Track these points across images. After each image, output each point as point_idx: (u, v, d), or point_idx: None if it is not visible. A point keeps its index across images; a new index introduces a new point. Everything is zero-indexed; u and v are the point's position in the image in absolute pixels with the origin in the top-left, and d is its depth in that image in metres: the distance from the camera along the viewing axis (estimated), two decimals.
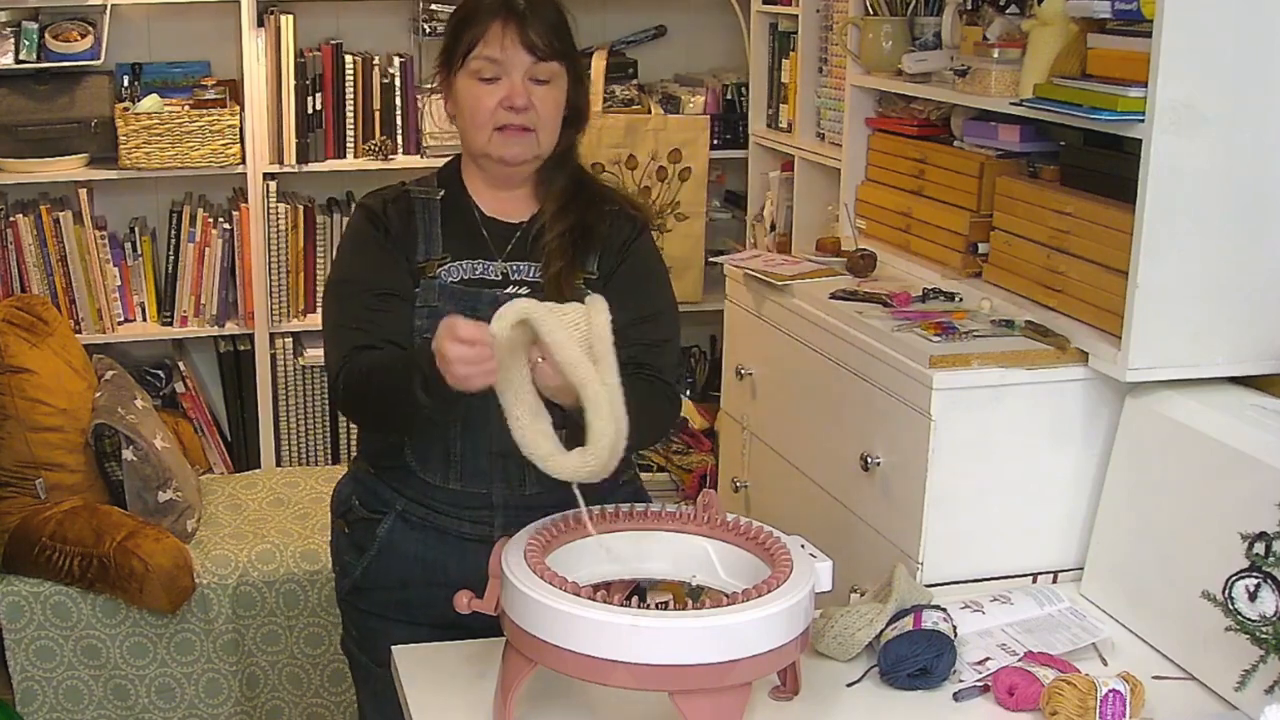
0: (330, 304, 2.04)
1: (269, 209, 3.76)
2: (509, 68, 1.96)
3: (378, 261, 2.01)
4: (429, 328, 1.95)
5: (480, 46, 1.96)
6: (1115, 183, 2.20)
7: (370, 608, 2.11)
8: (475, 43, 1.97)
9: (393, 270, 2.00)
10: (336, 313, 2.01)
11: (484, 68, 1.97)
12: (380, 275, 2.00)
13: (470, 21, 1.98)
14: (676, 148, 3.92)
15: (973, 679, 1.86)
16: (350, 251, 2.07)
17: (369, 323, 1.96)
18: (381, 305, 1.98)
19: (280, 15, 3.67)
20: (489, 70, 1.97)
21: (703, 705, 1.58)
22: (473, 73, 1.98)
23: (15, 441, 3.09)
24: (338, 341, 1.99)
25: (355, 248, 2.05)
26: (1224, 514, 1.89)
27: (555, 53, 1.98)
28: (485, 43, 1.96)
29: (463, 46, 1.98)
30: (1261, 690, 1.72)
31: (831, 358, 2.46)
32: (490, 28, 1.96)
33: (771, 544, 1.77)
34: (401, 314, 1.98)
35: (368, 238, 2.03)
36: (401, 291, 1.99)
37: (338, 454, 3.98)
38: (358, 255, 2.04)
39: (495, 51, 1.96)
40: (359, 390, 1.93)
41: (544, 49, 1.96)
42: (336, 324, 2.01)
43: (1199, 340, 2.11)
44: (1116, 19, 2.16)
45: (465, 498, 2.02)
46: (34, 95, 3.61)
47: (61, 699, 3.07)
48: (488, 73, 1.97)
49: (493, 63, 1.96)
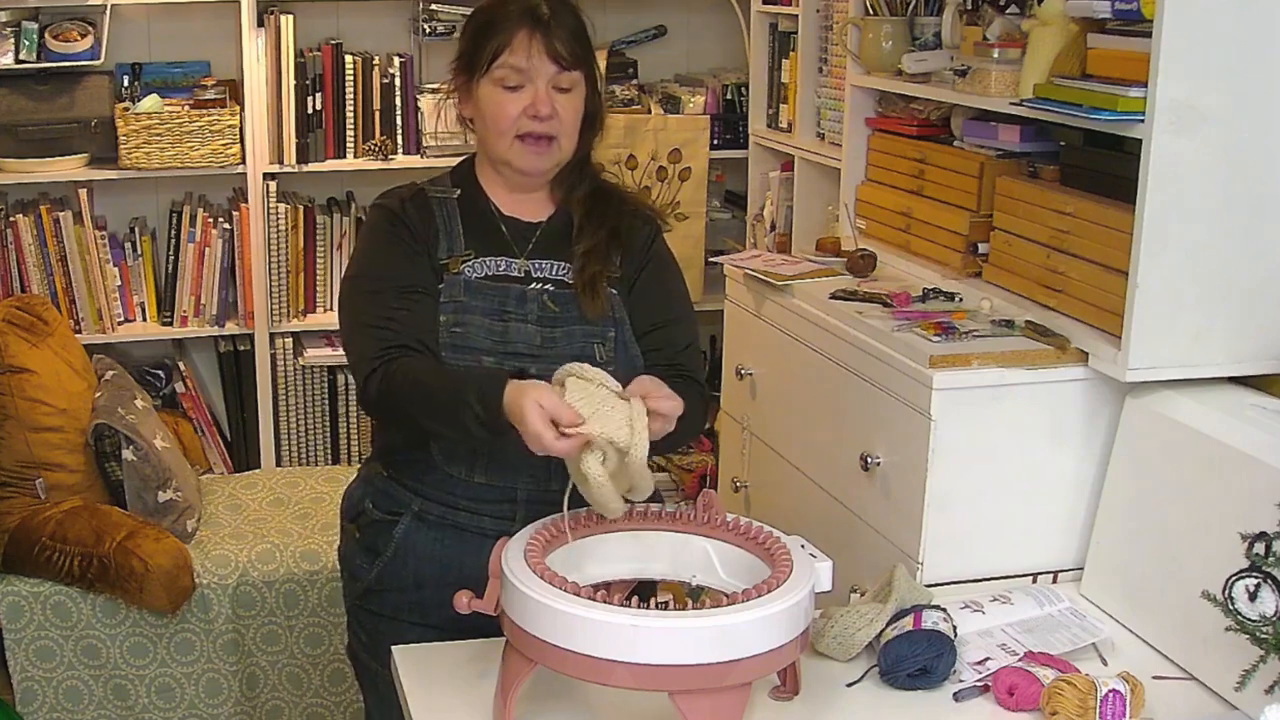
0: (352, 300, 2.04)
1: (269, 209, 3.76)
2: (533, 76, 1.98)
3: (400, 257, 2.01)
4: (455, 323, 1.98)
5: (506, 55, 1.97)
6: (1115, 183, 2.20)
7: (382, 610, 2.10)
8: (500, 51, 1.98)
9: (415, 266, 2.01)
10: (360, 309, 2.01)
11: (508, 76, 1.98)
12: (404, 271, 2.00)
13: (494, 29, 1.99)
14: (676, 148, 3.92)
15: (973, 679, 1.86)
16: (371, 248, 2.06)
17: (395, 320, 1.96)
18: (406, 302, 1.98)
19: (280, 15, 3.67)
20: (513, 79, 1.98)
21: (703, 705, 1.58)
22: (497, 80, 1.99)
23: (15, 441, 3.09)
24: (365, 339, 1.98)
25: (376, 244, 2.05)
26: (1224, 514, 1.89)
27: (578, 61, 2.00)
28: (511, 51, 1.97)
29: (486, 54, 1.99)
30: (1261, 690, 1.72)
31: (831, 358, 2.46)
32: (516, 36, 1.97)
33: (771, 544, 1.77)
34: (426, 310, 1.98)
35: (389, 234, 2.03)
36: (425, 287, 2.00)
37: (338, 454, 3.98)
38: (379, 251, 2.04)
39: (521, 61, 1.97)
40: (399, 401, 1.92)
41: (568, 59, 1.98)
42: (361, 322, 2.00)
43: (1199, 340, 2.11)
44: (1116, 19, 2.16)
45: (489, 491, 2.02)
46: (34, 95, 3.61)
47: (61, 699, 3.07)
48: (512, 81, 1.98)
49: (518, 71, 1.98)
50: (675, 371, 2.04)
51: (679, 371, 2.05)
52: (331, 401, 3.93)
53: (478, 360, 1.97)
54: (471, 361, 1.97)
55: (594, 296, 2.02)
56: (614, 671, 1.57)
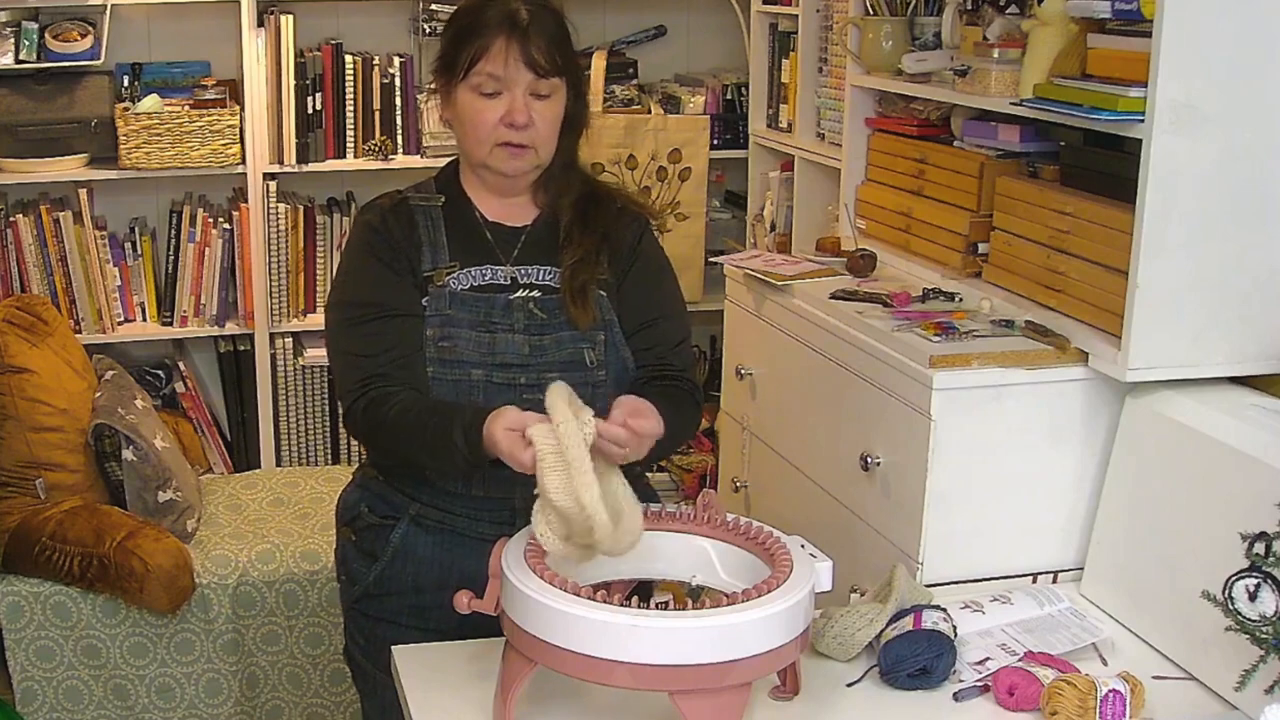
0: (336, 327, 2.03)
1: (269, 209, 3.76)
2: (511, 84, 1.95)
3: (382, 279, 2.00)
4: (442, 336, 1.97)
5: (483, 62, 1.95)
6: (1115, 183, 2.20)
7: (380, 614, 2.09)
8: (478, 58, 1.95)
9: (398, 287, 1.99)
10: (343, 338, 2.00)
11: (485, 83, 1.96)
12: (386, 294, 1.99)
13: (472, 34, 1.96)
14: (676, 148, 3.92)
15: (973, 679, 1.86)
16: (352, 270, 2.04)
17: (378, 349, 1.96)
18: (387, 327, 1.97)
19: (280, 15, 3.67)
20: (490, 86, 1.96)
21: (703, 705, 1.58)
22: (474, 87, 1.97)
23: (15, 441, 3.09)
24: (347, 369, 1.98)
25: (357, 266, 2.03)
26: (1224, 514, 1.89)
27: (557, 68, 1.97)
28: (488, 59, 1.95)
29: (464, 59, 1.96)
30: (1261, 690, 1.72)
31: (831, 358, 2.46)
32: (494, 44, 1.94)
33: (771, 544, 1.77)
34: (409, 330, 1.97)
35: (369, 255, 2.01)
36: (408, 309, 1.98)
37: (338, 454, 3.98)
38: (361, 275, 2.02)
39: (498, 69, 1.95)
40: (386, 436, 1.93)
41: (546, 66, 1.95)
42: (342, 349, 2.00)
43: (1199, 340, 2.11)
44: (1116, 19, 2.16)
45: (487, 502, 2.01)
46: (34, 95, 3.61)
47: (61, 699, 3.07)
48: (489, 88, 1.96)
49: (494, 79, 1.95)
50: (665, 372, 2.03)
51: (669, 372, 2.03)
52: (331, 401, 3.93)
53: (466, 374, 1.96)
54: (460, 375, 1.96)
55: (584, 306, 1.99)
56: (614, 671, 1.57)
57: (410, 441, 1.91)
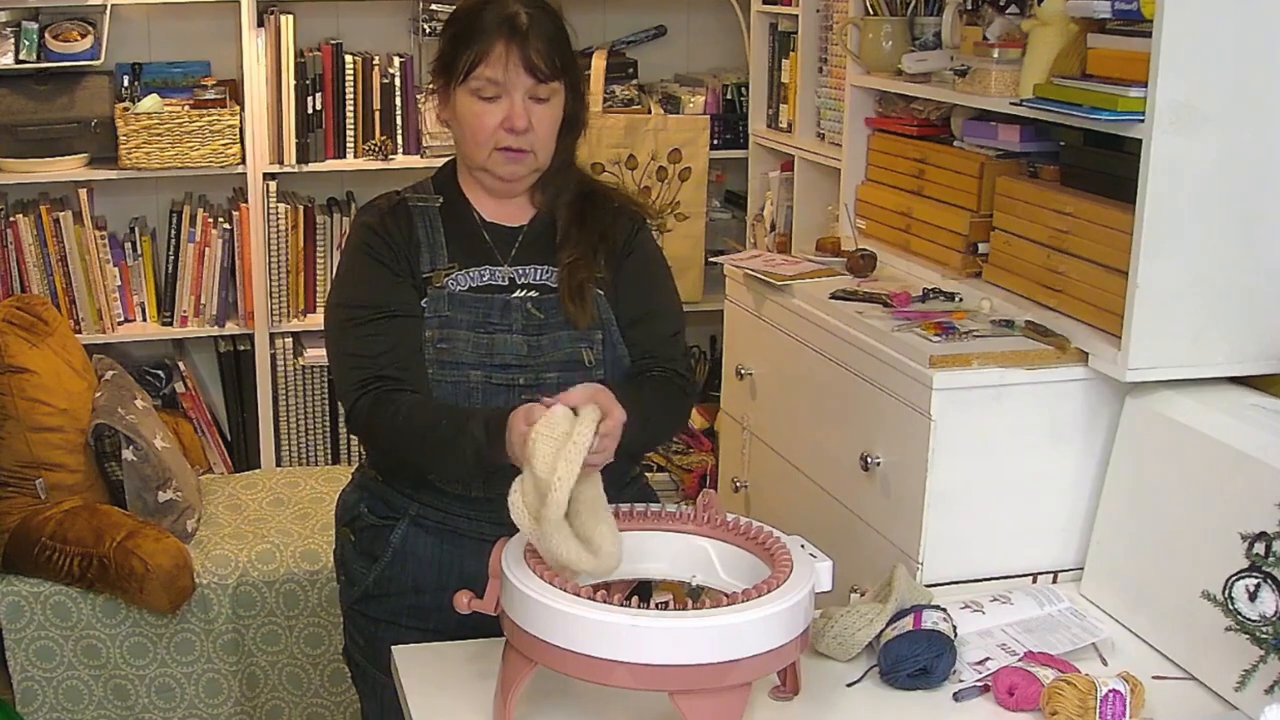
0: (333, 329, 2.02)
1: (269, 209, 3.76)
2: (510, 88, 1.95)
3: (381, 281, 1.99)
4: (440, 338, 1.97)
5: (482, 66, 1.94)
6: (1115, 183, 2.20)
7: (380, 615, 2.09)
8: (477, 61, 1.94)
9: (397, 289, 1.99)
10: (343, 340, 2.00)
11: (485, 87, 1.95)
12: (385, 296, 1.98)
13: (471, 37, 1.96)
14: (676, 148, 3.92)
15: (973, 679, 1.86)
16: (351, 272, 2.04)
17: (378, 350, 1.95)
18: (386, 328, 1.97)
19: (280, 15, 3.67)
20: (489, 90, 1.95)
21: (703, 705, 1.58)
22: (473, 90, 1.96)
23: (15, 441, 3.09)
24: (347, 370, 1.98)
25: (356, 267, 2.03)
26: (1224, 514, 1.89)
27: (556, 72, 1.96)
28: (488, 64, 1.94)
29: (463, 62, 1.95)
30: (1261, 690, 1.72)
31: (831, 358, 2.46)
32: (493, 48, 1.93)
33: (771, 544, 1.77)
34: (409, 331, 1.97)
35: (368, 256, 2.01)
36: (407, 310, 1.98)
37: (338, 454, 3.98)
38: (360, 276, 2.02)
39: (497, 73, 1.94)
40: (392, 436, 1.92)
41: (545, 70, 1.95)
42: (342, 350, 2.00)
43: (1199, 340, 2.11)
44: (1116, 19, 2.16)
45: (486, 503, 2.00)
46: (34, 95, 3.61)
47: (61, 699, 3.07)
48: (488, 92, 1.95)
49: (494, 83, 1.95)
50: (655, 364, 2.02)
51: (659, 364, 2.03)
52: (331, 401, 3.93)
53: (465, 375, 1.96)
54: (459, 376, 1.96)
55: (581, 306, 1.99)
56: (614, 671, 1.57)
57: (419, 441, 1.90)
